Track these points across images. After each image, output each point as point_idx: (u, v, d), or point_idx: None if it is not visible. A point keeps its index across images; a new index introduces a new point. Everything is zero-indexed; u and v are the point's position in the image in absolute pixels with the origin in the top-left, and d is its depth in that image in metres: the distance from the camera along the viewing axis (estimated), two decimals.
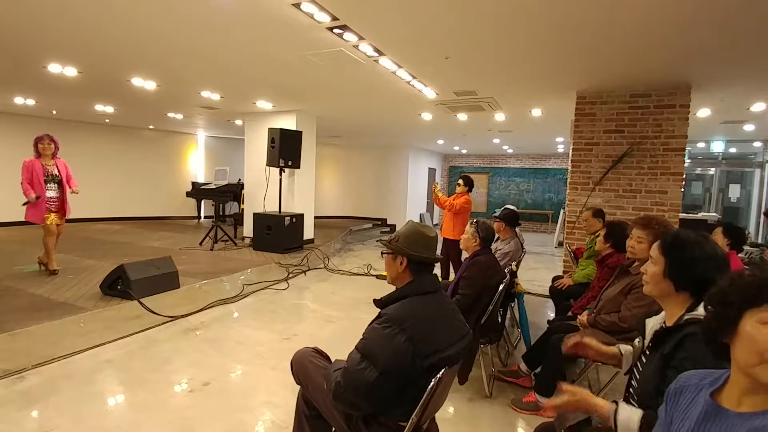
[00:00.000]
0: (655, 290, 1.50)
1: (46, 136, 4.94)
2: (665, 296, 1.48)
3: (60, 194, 5.03)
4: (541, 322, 4.24)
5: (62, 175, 5.02)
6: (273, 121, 7.82)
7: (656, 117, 5.01)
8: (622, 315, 2.55)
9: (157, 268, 4.61)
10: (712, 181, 10.77)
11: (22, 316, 3.65)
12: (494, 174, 15.36)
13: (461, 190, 5.45)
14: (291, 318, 4.69)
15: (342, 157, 14.13)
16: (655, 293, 1.50)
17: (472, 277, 2.98)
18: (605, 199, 5.29)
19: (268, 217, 7.38)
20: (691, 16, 3.11)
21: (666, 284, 1.45)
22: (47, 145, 4.92)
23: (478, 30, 3.56)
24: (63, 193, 5.04)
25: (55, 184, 4.98)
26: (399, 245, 1.77)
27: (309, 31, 3.68)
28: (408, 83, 5.25)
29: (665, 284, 1.46)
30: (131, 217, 11.05)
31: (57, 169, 5.00)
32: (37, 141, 4.93)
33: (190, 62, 4.84)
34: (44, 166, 4.91)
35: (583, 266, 4.01)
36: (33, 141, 4.94)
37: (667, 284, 1.45)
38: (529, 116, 7.26)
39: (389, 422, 1.64)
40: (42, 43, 4.32)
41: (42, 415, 2.63)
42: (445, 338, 1.66)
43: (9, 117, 9.10)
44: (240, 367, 3.38)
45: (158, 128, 11.37)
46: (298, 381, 1.94)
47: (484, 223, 3.24)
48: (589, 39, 3.66)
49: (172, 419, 2.59)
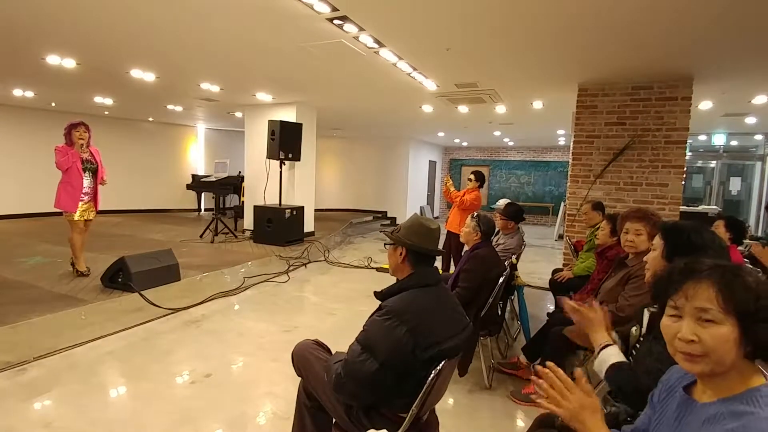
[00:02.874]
0: None
1: (81, 124, 4.52)
2: None
3: (93, 184, 4.64)
4: (540, 315, 4.25)
5: (98, 163, 4.64)
6: (273, 113, 7.79)
7: (658, 109, 4.99)
8: (619, 305, 2.55)
9: (158, 261, 4.62)
10: (713, 174, 10.75)
11: (24, 308, 3.67)
12: (495, 167, 15.33)
13: (473, 186, 5.43)
14: (292, 310, 4.71)
15: (342, 149, 14.09)
16: None
17: (472, 269, 2.98)
18: (606, 191, 5.28)
19: (269, 210, 7.38)
20: (691, 7, 3.08)
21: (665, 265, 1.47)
22: (83, 133, 4.50)
23: (479, 22, 3.54)
24: (96, 184, 4.66)
25: (90, 173, 4.58)
26: (400, 236, 1.77)
27: (309, 22, 3.65)
28: (408, 75, 5.22)
29: (663, 265, 1.47)
30: (131, 209, 11.05)
31: (93, 157, 4.62)
32: (72, 128, 4.48)
33: (190, 54, 4.81)
34: (80, 153, 4.51)
35: (582, 259, 4.01)
36: (65, 128, 4.50)
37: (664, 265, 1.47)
38: (531, 108, 7.22)
39: (389, 413, 1.66)
40: (40, 35, 4.30)
41: (44, 406, 2.64)
42: (445, 330, 1.67)
43: (8, 109, 9.06)
44: (241, 359, 3.40)
45: (158, 120, 11.33)
46: (299, 372, 1.95)
47: (485, 216, 3.24)
48: (590, 31, 3.63)
49: (174, 410, 2.61)
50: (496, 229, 3.57)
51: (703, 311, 0.89)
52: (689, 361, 0.91)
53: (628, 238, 2.54)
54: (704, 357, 0.88)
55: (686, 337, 0.90)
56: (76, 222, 4.55)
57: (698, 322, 0.90)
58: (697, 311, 0.90)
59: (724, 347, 0.86)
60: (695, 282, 0.92)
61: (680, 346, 0.92)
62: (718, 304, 0.88)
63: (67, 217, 4.53)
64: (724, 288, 0.88)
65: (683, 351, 0.91)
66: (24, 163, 9.20)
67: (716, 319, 0.88)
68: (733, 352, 0.87)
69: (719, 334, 0.87)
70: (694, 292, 0.91)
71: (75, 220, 4.52)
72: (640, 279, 2.30)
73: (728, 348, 0.86)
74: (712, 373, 0.90)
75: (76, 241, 4.66)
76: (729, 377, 0.89)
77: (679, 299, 0.93)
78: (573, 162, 5.50)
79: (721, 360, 0.87)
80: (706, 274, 0.91)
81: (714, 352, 0.87)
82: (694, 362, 0.90)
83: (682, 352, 0.92)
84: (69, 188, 4.44)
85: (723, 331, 0.87)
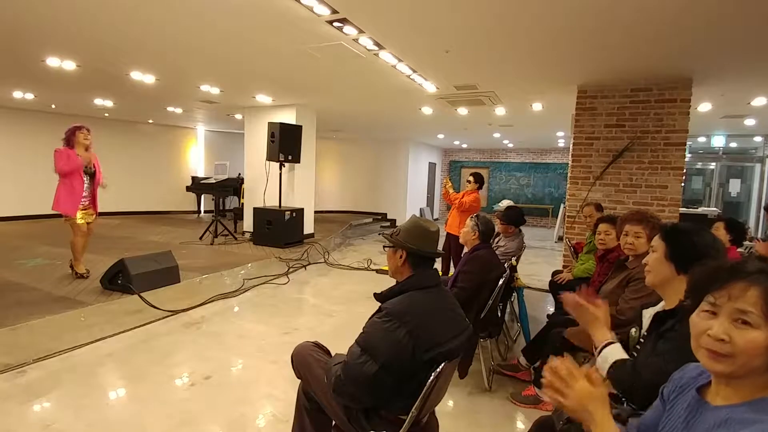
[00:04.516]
0: (657, 277, 1.52)
1: (85, 127, 4.51)
2: (666, 282, 1.49)
3: (91, 189, 4.64)
4: (540, 317, 4.25)
5: (96, 168, 4.64)
6: (273, 115, 7.80)
7: (657, 111, 4.99)
8: (620, 308, 2.55)
9: (158, 263, 4.62)
10: (713, 176, 10.76)
11: (23, 310, 3.66)
12: (494, 168, 15.34)
13: (472, 188, 5.42)
14: (291, 312, 4.70)
15: (342, 151, 14.10)
16: (657, 281, 1.52)
17: (471, 271, 2.98)
18: (605, 193, 5.28)
19: (268, 212, 7.38)
20: (690, 9, 3.09)
21: (667, 267, 1.47)
22: (88, 134, 4.49)
23: (478, 24, 3.54)
24: (94, 188, 4.66)
25: (89, 177, 4.58)
26: (399, 239, 1.77)
27: (309, 25, 3.66)
28: (408, 77, 5.23)
29: (666, 267, 1.48)
30: (131, 211, 11.04)
31: (94, 164, 4.62)
32: (76, 130, 4.45)
33: (190, 56, 4.81)
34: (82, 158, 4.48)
35: (582, 261, 4.01)
36: (67, 130, 4.46)
37: (668, 267, 1.48)
38: (530, 110, 7.24)
39: (389, 415, 1.65)
40: (40, 37, 4.30)
41: (43, 408, 2.64)
42: (445, 332, 1.67)
43: (8, 111, 9.07)
44: (241, 361, 3.40)
45: (158, 122, 11.34)
46: (299, 375, 1.95)
47: (484, 217, 3.24)
48: (590, 33, 3.64)
49: (173, 412, 2.60)
50: (495, 231, 3.57)
51: (743, 313, 0.88)
52: (713, 358, 0.90)
53: (628, 241, 2.54)
54: (729, 357, 0.88)
55: (718, 335, 0.89)
56: (79, 225, 4.54)
57: (734, 323, 0.89)
58: (737, 312, 0.89)
59: (754, 352, 0.86)
60: (744, 283, 0.90)
61: (707, 342, 0.91)
62: (761, 308, 0.87)
63: (68, 221, 4.52)
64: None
65: (709, 348, 0.90)
66: (24, 165, 9.20)
67: (754, 323, 0.87)
68: (760, 358, 0.86)
69: (752, 339, 0.86)
70: (740, 293, 0.90)
71: (78, 223, 4.52)
72: (641, 281, 2.29)
73: (757, 354, 0.86)
74: (732, 376, 0.89)
75: (77, 243, 4.66)
76: (746, 383, 0.89)
77: (721, 297, 0.92)
78: (572, 164, 5.50)
79: (746, 364, 0.87)
80: (755, 277, 0.90)
81: (742, 354, 0.86)
82: (718, 361, 0.89)
83: (708, 349, 0.91)
84: (70, 191, 4.42)
85: (757, 337, 0.86)
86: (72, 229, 4.56)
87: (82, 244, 4.70)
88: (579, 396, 1.01)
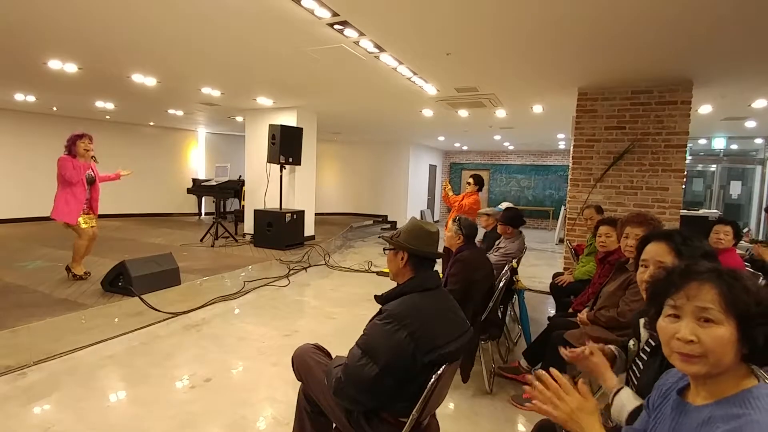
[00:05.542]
0: None
1: (87, 135, 4.50)
2: None
3: (90, 195, 4.64)
4: (541, 319, 4.25)
5: (96, 176, 4.67)
6: (273, 117, 7.81)
7: (657, 113, 4.99)
8: (620, 310, 2.55)
9: (158, 265, 4.62)
10: (713, 178, 10.75)
11: (24, 312, 3.66)
12: (495, 170, 15.34)
13: (471, 190, 5.41)
14: (292, 314, 4.70)
15: (343, 153, 14.11)
16: None
17: (455, 273, 2.98)
18: (606, 195, 5.28)
19: (269, 214, 7.39)
20: (691, 11, 3.09)
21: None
22: (89, 144, 4.50)
23: (479, 26, 3.55)
24: (93, 194, 4.67)
25: (89, 184, 4.61)
26: (400, 240, 1.77)
27: (309, 27, 3.67)
28: (409, 79, 5.23)
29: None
30: (132, 213, 11.05)
31: (92, 170, 4.63)
32: (77, 138, 4.43)
33: (191, 58, 4.83)
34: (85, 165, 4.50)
35: (583, 263, 4.01)
36: (69, 138, 4.45)
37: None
38: (531, 113, 7.24)
39: (390, 418, 1.65)
40: (42, 40, 4.31)
41: (44, 411, 2.64)
42: (446, 334, 1.67)
43: (9, 113, 9.08)
44: (241, 363, 3.40)
45: (159, 125, 11.35)
46: (299, 377, 1.95)
47: (466, 219, 3.25)
48: (590, 35, 3.64)
49: (174, 414, 2.60)
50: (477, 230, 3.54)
51: (704, 311, 0.89)
52: (686, 361, 0.91)
53: (629, 243, 2.54)
54: (702, 358, 0.89)
55: (686, 337, 0.90)
56: (84, 230, 4.56)
57: (698, 322, 0.90)
58: (698, 310, 0.90)
59: (722, 348, 0.87)
60: (697, 282, 0.93)
61: (678, 346, 0.92)
62: (720, 304, 0.88)
63: (72, 227, 4.51)
64: (725, 289, 0.89)
65: (681, 351, 0.92)
66: (25, 167, 9.20)
67: (716, 319, 0.88)
68: (730, 353, 0.87)
69: (718, 335, 0.87)
70: (696, 292, 0.92)
71: (83, 228, 4.54)
72: None
73: (727, 349, 0.87)
74: (708, 375, 0.90)
75: (81, 246, 4.66)
76: (723, 379, 0.90)
77: (679, 299, 0.94)
78: (573, 166, 5.50)
79: (719, 361, 0.88)
80: (707, 276, 0.92)
81: (712, 352, 0.88)
82: (691, 363, 0.90)
83: (680, 353, 0.92)
84: (71, 199, 4.42)
85: (722, 332, 0.87)
86: (77, 232, 4.57)
87: (85, 247, 4.71)
88: (570, 408, 1.03)
